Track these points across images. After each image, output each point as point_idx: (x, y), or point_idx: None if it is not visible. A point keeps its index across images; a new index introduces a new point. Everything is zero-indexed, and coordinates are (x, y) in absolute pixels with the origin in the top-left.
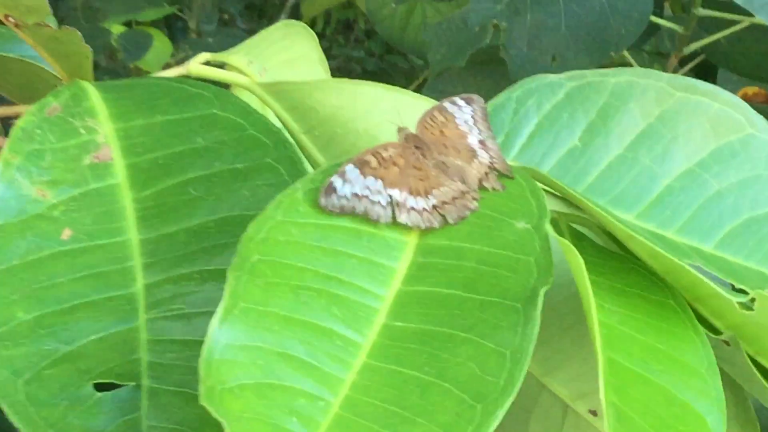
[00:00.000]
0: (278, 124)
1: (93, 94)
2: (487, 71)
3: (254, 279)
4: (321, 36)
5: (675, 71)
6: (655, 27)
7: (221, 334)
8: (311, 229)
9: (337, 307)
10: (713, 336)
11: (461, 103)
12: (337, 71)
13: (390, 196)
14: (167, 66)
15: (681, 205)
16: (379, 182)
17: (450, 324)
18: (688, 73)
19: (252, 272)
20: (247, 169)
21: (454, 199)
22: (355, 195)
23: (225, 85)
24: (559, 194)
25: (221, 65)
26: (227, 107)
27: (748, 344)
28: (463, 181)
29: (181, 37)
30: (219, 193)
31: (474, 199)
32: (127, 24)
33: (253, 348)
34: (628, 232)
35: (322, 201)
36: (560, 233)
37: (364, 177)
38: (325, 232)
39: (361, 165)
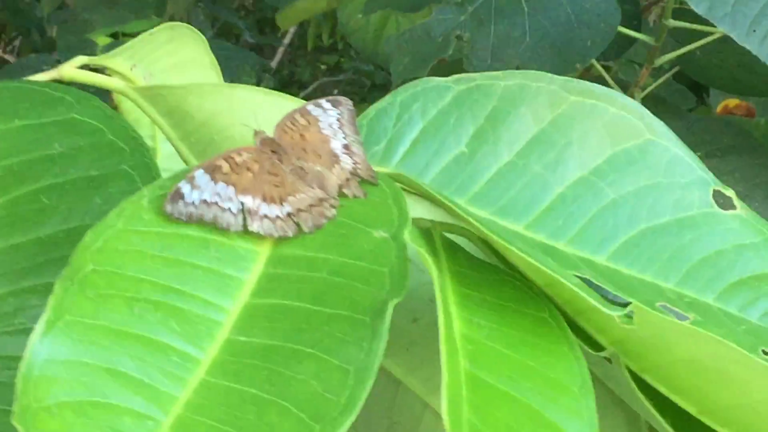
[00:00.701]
0: (161, 133)
1: None
2: None
3: (84, 290)
4: (332, 50)
5: (647, 84)
6: (631, 39)
7: (42, 349)
8: (154, 238)
9: (176, 321)
10: (593, 353)
11: (327, 105)
12: (348, 85)
13: (242, 204)
14: None
15: (573, 215)
16: (231, 189)
17: (295, 339)
18: (663, 86)
19: (83, 283)
20: (102, 177)
21: (310, 206)
22: (204, 202)
23: (107, 91)
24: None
25: (102, 69)
26: (86, 111)
27: (633, 360)
28: (322, 188)
29: None
30: (72, 202)
31: (332, 206)
32: (114, 36)
33: (76, 363)
34: (504, 244)
35: (168, 208)
36: (432, 245)
37: (215, 183)
38: (170, 241)
39: (212, 170)
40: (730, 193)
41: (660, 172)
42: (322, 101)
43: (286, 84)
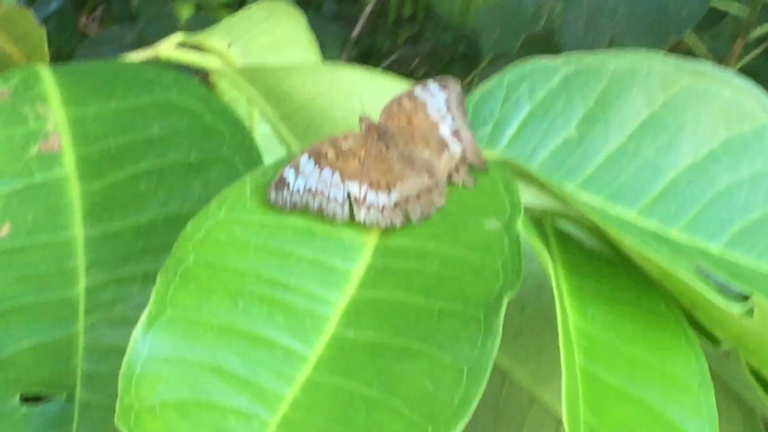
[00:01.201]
0: (259, 114)
1: (46, 77)
2: (540, 55)
3: (187, 283)
4: (413, 20)
5: (740, 58)
6: (722, 12)
7: (144, 345)
8: (258, 228)
9: (282, 315)
10: (711, 349)
11: (434, 88)
12: (428, 56)
13: (348, 192)
14: None
15: (687, 201)
16: (337, 175)
17: (405, 334)
18: (756, 59)
19: (185, 276)
20: (202, 161)
21: (419, 194)
22: (309, 190)
23: (204, 71)
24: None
25: (198, 47)
26: (185, 93)
27: (750, 355)
28: (431, 175)
29: None
30: (170, 188)
31: (441, 195)
32: (198, 7)
33: (179, 360)
34: (618, 234)
35: (272, 196)
36: (543, 233)
37: (320, 169)
38: (274, 231)
39: (317, 156)
40: None
41: None
42: (430, 84)
43: (366, 55)
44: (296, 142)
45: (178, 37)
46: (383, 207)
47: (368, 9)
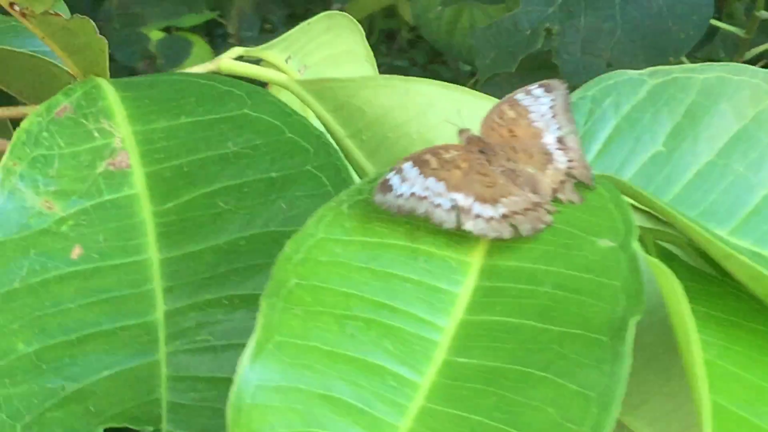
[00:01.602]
0: (320, 127)
1: (109, 92)
2: (537, 77)
3: (292, 307)
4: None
5: None
6: (710, 33)
7: (252, 374)
8: (358, 247)
9: (390, 341)
10: None
11: (538, 92)
12: None
13: (454, 200)
14: None
15: None
16: (441, 184)
17: (523, 360)
18: None
19: (289, 299)
20: (285, 178)
21: (525, 210)
22: (414, 195)
23: (261, 84)
24: (642, 207)
25: (257, 62)
26: (261, 107)
27: None
28: (535, 192)
29: (221, 44)
30: (252, 206)
31: (548, 212)
32: (167, 30)
33: (290, 390)
34: (727, 251)
35: (378, 198)
36: (647, 252)
37: (425, 177)
38: (376, 251)
39: (421, 164)
40: None
41: None
42: (534, 88)
43: None
44: (367, 160)
45: (237, 50)
46: (491, 218)
47: None
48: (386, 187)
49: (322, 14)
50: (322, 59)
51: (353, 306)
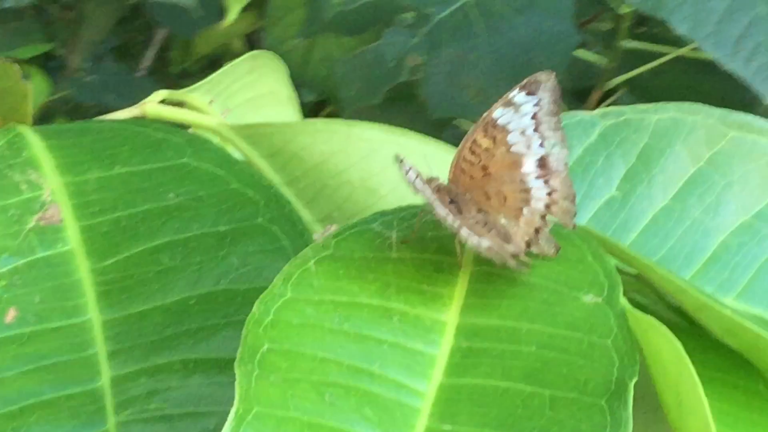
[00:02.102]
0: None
1: (34, 140)
2: (401, 107)
3: (268, 374)
4: (185, 74)
5: (598, 105)
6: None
7: None
8: (330, 308)
9: (371, 408)
10: None
11: (519, 98)
12: None
13: (447, 213)
14: (47, 106)
15: (740, 266)
16: (435, 197)
17: (513, 427)
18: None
19: (263, 366)
20: (234, 232)
21: (500, 257)
22: (419, 187)
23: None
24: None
25: (179, 105)
26: (202, 156)
27: None
28: (508, 243)
29: (58, 75)
30: (200, 263)
31: (523, 265)
32: None
33: None
34: (704, 301)
35: (402, 165)
36: None
37: (422, 183)
38: (348, 311)
39: (419, 173)
40: None
41: None
42: (515, 93)
43: None
44: (304, 208)
45: (161, 94)
46: (479, 244)
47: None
48: (402, 163)
49: (247, 54)
50: (244, 101)
51: (330, 372)
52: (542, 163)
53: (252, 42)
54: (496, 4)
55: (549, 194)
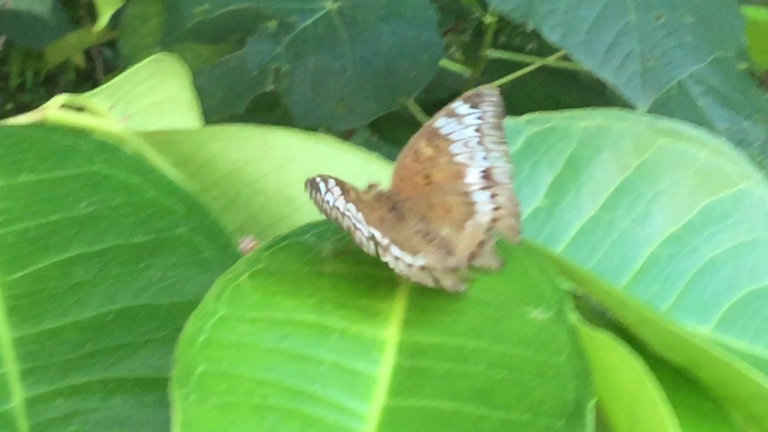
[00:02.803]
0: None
1: None
2: (263, 117)
3: (205, 398)
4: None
5: None
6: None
7: None
8: (265, 325)
9: None
10: None
11: (463, 109)
12: None
13: (372, 234)
14: None
15: (670, 278)
16: (361, 215)
17: None
18: None
19: (200, 388)
20: (153, 244)
21: (442, 270)
22: (338, 209)
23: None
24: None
25: (80, 110)
26: (114, 163)
27: None
28: (451, 255)
29: None
30: (117, 276)
31: (465, 279)
32: None
33: None
34: (646, 315)
35: (310, 190)
36: None
37: (346, 201)
38: (284, 329)
39: (344, 188)
40: None
41: (758, 227)
42: (458, 105)
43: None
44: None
45: (62, 98)
46: (410, 265)
47: None
48: (315, 186)
49: (149, 59)
50: (145, 107)
51: (269, 394)
52: (487, 175)
53: (91, 56)
54: (360, 13)
55: (495, 209)
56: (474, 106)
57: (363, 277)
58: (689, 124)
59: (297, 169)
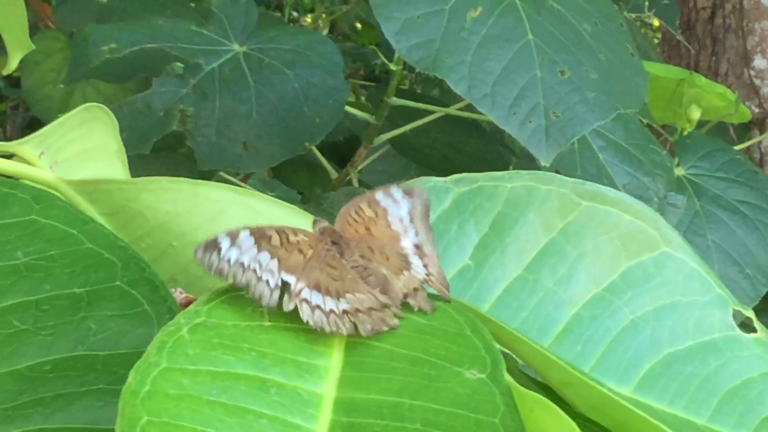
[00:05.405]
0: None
1: None
2: (164, 158)
3: None
4: None
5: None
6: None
7: None
8: (206, 378)
9: None
10: None
11: (398, 195)
12: None
13: (282, 281)
14: None
15: (592, 339)
16: (275, 262)
17: None
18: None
19: None
20: (91, 295)
21: (370, 309)
22: (241, 264)
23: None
24: None
25: (9, 157)
26: (51, 212)
27: None
28: (385, 293)
29: None
30: (54, 326)
31: (395, 315)
32: None
33: None
34: (575, 376)
35: (199, 254)
36: None
37: (258, 251)
38: (225, 382)
39: (259, 236)
40: (749, 313)
41: (678, 290)
42: (393, 190)
43: None
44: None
45: None
46: (331, 311)
47: None
48: (213, 246)
49: (79, 108)
50: (73, 155)
51: None
52: (418, 247)
53: None
54: (266, 57)
55: (427, 275)
56: (408, 196)
57: (300, 332)
58: (593, 179)
59: (228, 222)
